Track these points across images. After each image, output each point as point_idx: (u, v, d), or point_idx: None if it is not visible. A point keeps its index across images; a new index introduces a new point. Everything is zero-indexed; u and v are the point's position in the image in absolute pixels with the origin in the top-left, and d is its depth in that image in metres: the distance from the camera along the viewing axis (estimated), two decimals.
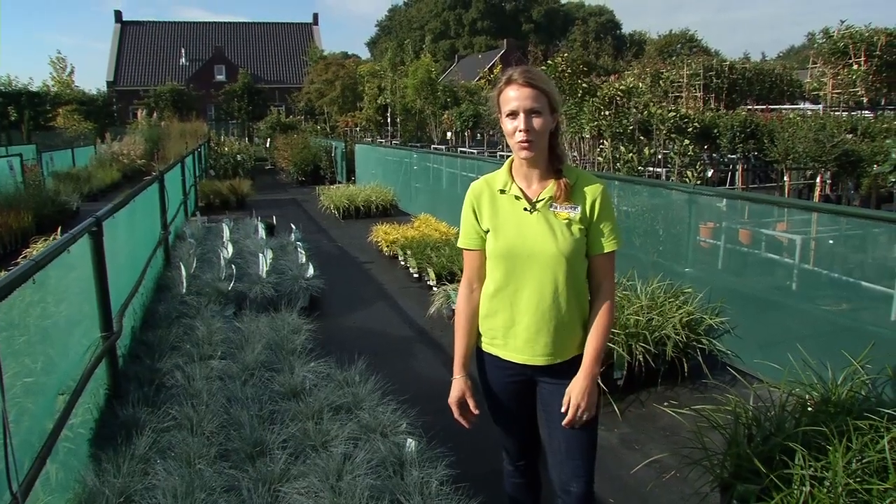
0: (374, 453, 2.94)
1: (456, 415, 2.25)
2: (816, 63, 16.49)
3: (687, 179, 7.84)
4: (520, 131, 2.05)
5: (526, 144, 2.06)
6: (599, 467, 3.49)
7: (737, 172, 11.57)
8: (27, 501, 2.39)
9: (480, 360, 2.32)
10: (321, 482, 2.67)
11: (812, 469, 2.67)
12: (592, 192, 2.15)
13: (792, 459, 2.75)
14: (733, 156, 11.14)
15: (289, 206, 14.57)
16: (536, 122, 2.05)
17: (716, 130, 10.38)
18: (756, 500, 2.74)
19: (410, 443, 3.02)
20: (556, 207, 2.14)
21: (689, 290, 4.92)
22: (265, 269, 6.34)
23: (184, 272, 6.01)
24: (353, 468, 2.76)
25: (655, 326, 4.45)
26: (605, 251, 2.15)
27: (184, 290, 5.76)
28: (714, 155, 11.40)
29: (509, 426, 2.39)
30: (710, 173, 11.13)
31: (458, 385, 2.24)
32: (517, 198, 2.17)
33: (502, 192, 2.19)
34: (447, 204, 10.63)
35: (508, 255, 2.15)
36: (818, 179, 10.35)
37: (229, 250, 7.10)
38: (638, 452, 3.63)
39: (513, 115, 2.07)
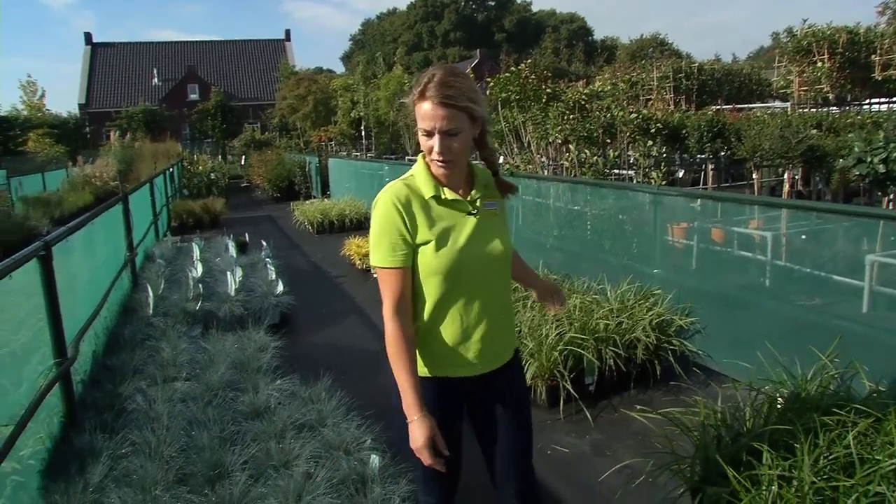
0: (337, 471, 2.87)
1: (429, 460, 1.93)
2: (782, 62, 16.72)
3: (652, 181, 7.86)
4: (436, 151, 1.92)
5: (443, 164, 1.95)
6: (569, 475, 3.47)
7: (707, 172, 11.65)
8: None
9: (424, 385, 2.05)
10: None
11: (780, 469, 2.64)
12: (487, 179, 2.12)
13: (759, 460, 2.72)
14: (702, 155, 11.21)
15: (263, 222, 14.45)
16: (454, 143, 1.91)
17: (684, 131, 10.44)
18: (725, 503, 2.70)
19: (374, 459, 2.95)
20: (487, 206, 2.07)
21: (659, 291, 4.90)
22: (234, 287, 6.25)
23: (151, 294, 5.89)
24: (314, 488, 2.69)
25: (626, 330, 4.42)
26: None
27: (150, 312, 5.65)
28: (685, 155, 11.47)
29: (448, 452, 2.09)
30: (681, 174, 11.19)
31: (421, 425, 1.91)
32: (455, 201, 2.01)
33: (435, 198, 2.00)
34: None
35: (455, 268, 1.97)
36: (786, 176, 10.44)
37: (198, 270, 6.99)
38: (610, 458, 3.58)
39: (428, 134, 1.92)
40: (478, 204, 2.04)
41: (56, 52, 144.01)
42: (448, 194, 2.01)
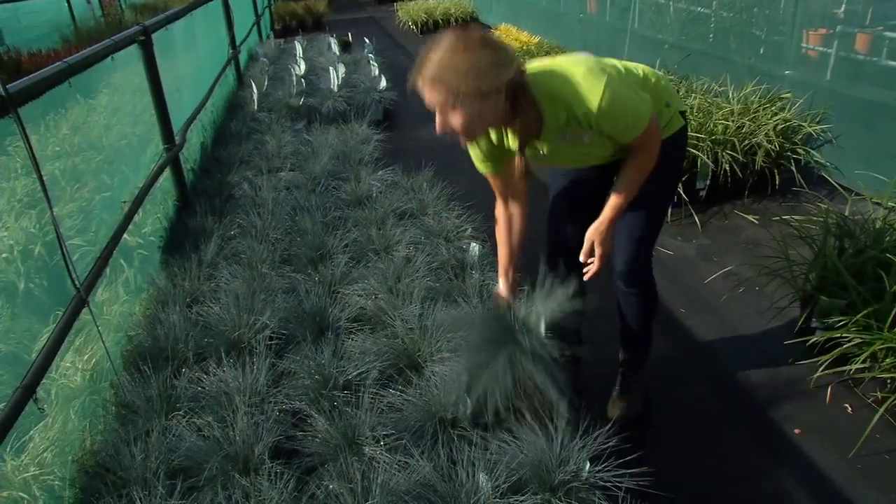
0: (437, 257, 2.89)
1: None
2: None
3: None
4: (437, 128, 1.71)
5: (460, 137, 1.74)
6: (673, 276, 3.37)
7: None
8: (101, 300, 2.51)
9: None
10: (380, 284, 2.65)
11: None
12: (587, 116, 1.73)
13: (887, 273, 2.51)
14: None
15: (366, 24, 14.06)
16: (455, 116, 1.65)
17: None
18: (840, 314, 2.54)
19: (474, 246, 2.94)
20: (565, 138, 1.84)
21: (788, 94, 4.44)
22: (337, 83, 6.17)
23: (255, 90, 5.92)
24: (413, 270, 2.72)
25: (746, 134, 4.07)
26: (629, 144, 1.85)
27: (255, 108, 5.71)
28: None
29: (565, 209, 2.24)
30: None
31: (499, 290, 2.21)
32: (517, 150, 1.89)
33: (502, 142, 1.92)
34: (527, 11, 10.00)
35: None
36: None
37: (301, 67, 6.93)
38: (715, 264, 3.44)
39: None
40: (547, 149, 1.88)
41: None
42: (513, 141, 1.89)
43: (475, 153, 1.97)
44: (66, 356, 2.19)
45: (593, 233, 1.98)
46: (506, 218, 2.14)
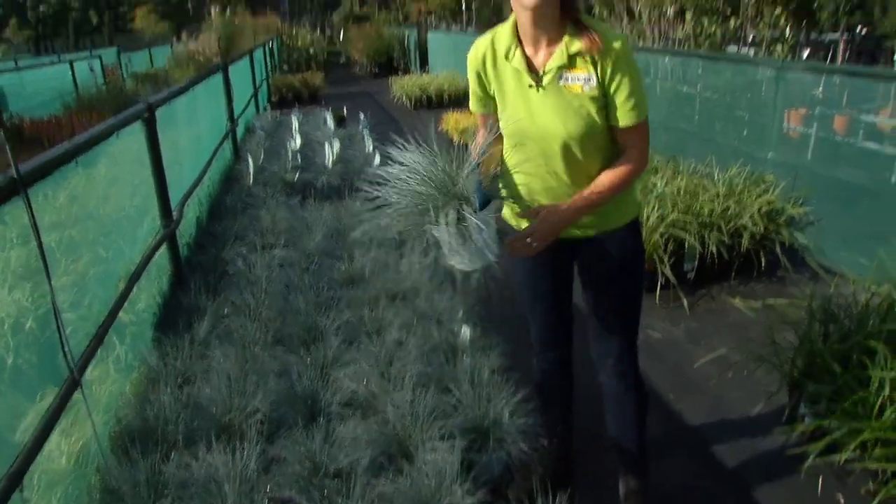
0: (428, 340, 2.90)
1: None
2: None
3: (776, 54, 7.18)
4: None
5: (528, 5, 1.72)
6: (662, 360, 3.39)
7: (838, 53, 10.58)
8: (91, 379, 2.50)
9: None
10: (371, 368, 2.66)
11: (895, 372, 2.46)
12: (610, 51, 1.76)
13: (872, 360, 2.55)
14: (834, 35, 10.13)
15: (361, 97, 14.42)
16: None
17: (816, 3, 9.40)
18: (828, 401, 2.57)
19: (465, 330, 2.96)
20: (566, 79, 1.82)
21: (771, 177, 4.57)
22: (332, 158, 6.30)
23: (251, 164, 6.03)
24: (404, 354, 2.73)
25: (732, 216, 4.18)
26: (621, 124, 1.83)
27: (251, 182, 5.80)
28: (811, 34, 10.41)
29: (541, 306, 2.27)
30: (806, 53, 10.20)
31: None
32: (519, 71, 1.87)
33: (506, 58, 1.88)
34: None
35: (516, 134, 1.92)
36: None
37: (297, 141, 7.08)
38: (704, 347, 3.48)
39: None
40: (544, 81, 1.85)
41: None
42: (517, 60, 1.87)
43: (474, 90, 2.02)
44: (51, 438, 2.17)
45: (546, 212, 1.90)
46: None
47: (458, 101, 11.91)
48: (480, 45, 1.96)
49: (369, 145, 6.92)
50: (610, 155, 1.92)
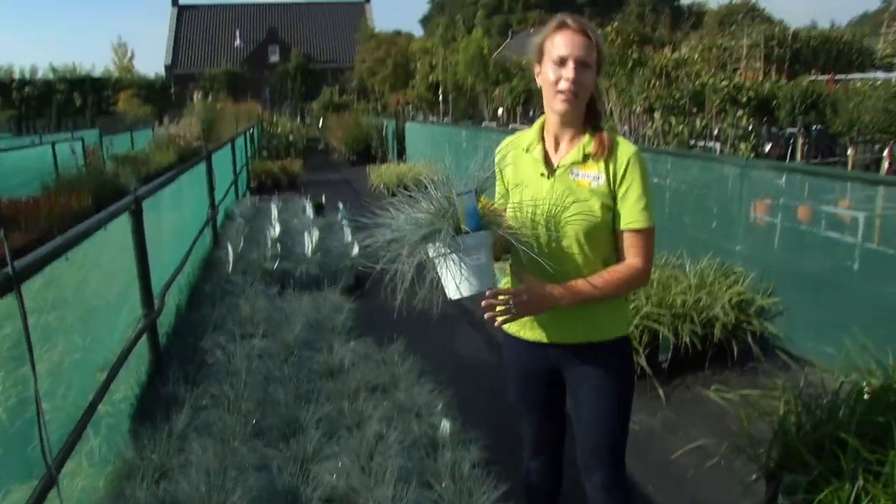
0: (408, 434, 2.91)
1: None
2: (892, 27, 15.65)
3: (740, 152, 7.53)
4: (566, 80, 1.86)
5: (568, 95, 1.88)
6: (640, 452, 3.41)
7: (797, 147, 11.11)
8: (63, 474, 2.46)
9: (505, 342, 2.23)
10: (352, 462, 2.65)
11: (866, 462, 2.52)
12: (621, 157, 1.93)
13: (844, 451, 2.60)
14: (792, 129, 10.66)
15: (339, 185, 14.68)
16: (585, 75, 1.88)
17: (774, 102, 9.95)
18: (804, 492, 2.60)
19: (445, 424, 2.98)
20: (577, 175, 1.96)
21: (740, 269, 4.73)
22: (311, 247, 6.38)
23: (231, 252, 6.08)
24: (385, 448, 2.73)
25: (704, 307, 4.29)
26: (629, 228, 1.94)
27: (230, 270, 5.83)
28: (772, 129, 10.95)
29: (531, 414, 2.29)
30: (768, 148, 10.69)
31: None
32: (536, 161, 2.03)
33: (527, 151, 2.06)
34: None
35: (518, 224, 2.00)
36: (886, 152, 9.83)
37: (276, 230, 7.17)
38: (681, 438, 3.51)
39: (562, 62, 1.87)
40: (557, 172, 1.99)
41: (145, 11, 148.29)
42: (537, 152, 2.04)
43: (497, 186, 2.17)
44: None
45: (538, 283, 1.93)
46: None
47: None
48: (505, 143, 2.17)
49: (348, 235, 7.03)
50: (611, 259, 2.02)
